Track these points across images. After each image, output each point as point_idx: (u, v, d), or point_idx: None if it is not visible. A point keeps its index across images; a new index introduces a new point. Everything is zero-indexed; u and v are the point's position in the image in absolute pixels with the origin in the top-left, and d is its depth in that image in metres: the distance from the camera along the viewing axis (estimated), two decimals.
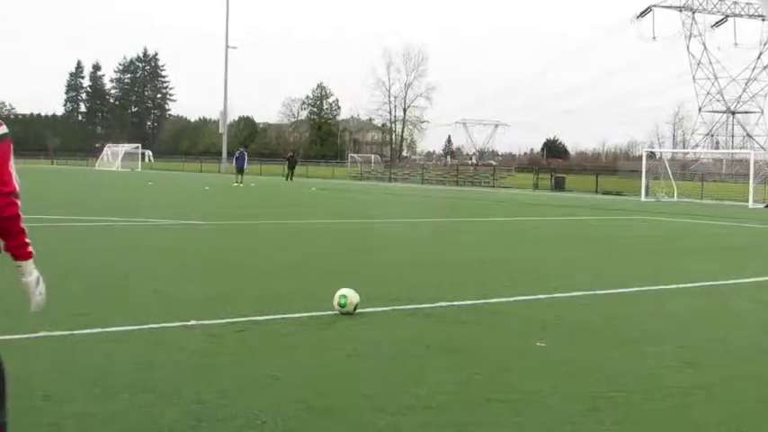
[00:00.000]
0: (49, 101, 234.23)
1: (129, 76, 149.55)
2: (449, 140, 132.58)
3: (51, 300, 7.40)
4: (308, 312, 7.30)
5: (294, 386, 4.96)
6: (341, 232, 16.50)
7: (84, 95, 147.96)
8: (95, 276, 9.16)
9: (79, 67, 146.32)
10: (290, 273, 9.97)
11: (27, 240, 3.25)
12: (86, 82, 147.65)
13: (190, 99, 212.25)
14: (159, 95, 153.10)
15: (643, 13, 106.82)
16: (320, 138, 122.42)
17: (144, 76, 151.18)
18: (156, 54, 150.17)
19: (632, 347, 6.31)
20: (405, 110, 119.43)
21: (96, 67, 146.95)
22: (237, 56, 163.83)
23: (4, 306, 6.49)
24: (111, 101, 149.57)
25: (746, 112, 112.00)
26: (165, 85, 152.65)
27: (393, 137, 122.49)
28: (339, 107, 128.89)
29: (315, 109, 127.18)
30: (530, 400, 4.80)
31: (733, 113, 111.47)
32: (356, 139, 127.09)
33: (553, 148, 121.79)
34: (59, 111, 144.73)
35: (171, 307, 7.41)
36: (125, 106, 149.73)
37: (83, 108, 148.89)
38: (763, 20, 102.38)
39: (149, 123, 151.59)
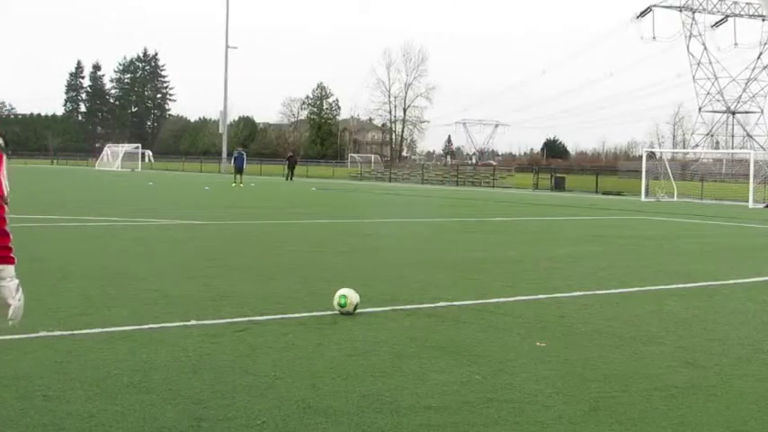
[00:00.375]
0: (49, 101, 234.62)
1: (129, 76, 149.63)
2: (449, 140, 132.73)
3: (51, 300, 7.44)
4: (308, 312, 7.30)
5: (294, 386, 4.96)
6: (341, 232, 16.50)
7: (84, 95, 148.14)
8: (95, 276, 9.16)
9: (79, 67, 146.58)
10: (290, 273, 9.97)
11: (10, 245, 3.18)
12: (86, 82, 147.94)
13: (190, 99, 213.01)
14: (159, 95, 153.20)
15: (643, 13, 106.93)
16: (320, 138, 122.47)
17: (144, 76, 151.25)
18: (156, 54, 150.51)
19: (632, 347, 6.32)
20: (405, 110, 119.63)
21: (96, 67, 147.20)
22: (237, 56, 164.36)
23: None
24: (111, 101, 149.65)
25: (746, 112, 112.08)
26: (165, 85, 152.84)
27: (393, 137, 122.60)
28: (339, 107, 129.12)
29: (315, 109, 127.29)
30: (530, 400, 4.80)
31: (733, 113, 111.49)
32: (356, 139, 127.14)
33: (553, 148, 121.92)
34: (59, 111, 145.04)
35: (171, 307, 7.41)
36: (125, 106, 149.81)
37: (83, 108, 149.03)
38: (764, 20, 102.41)
39: (149, 123, 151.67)
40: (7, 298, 3.19)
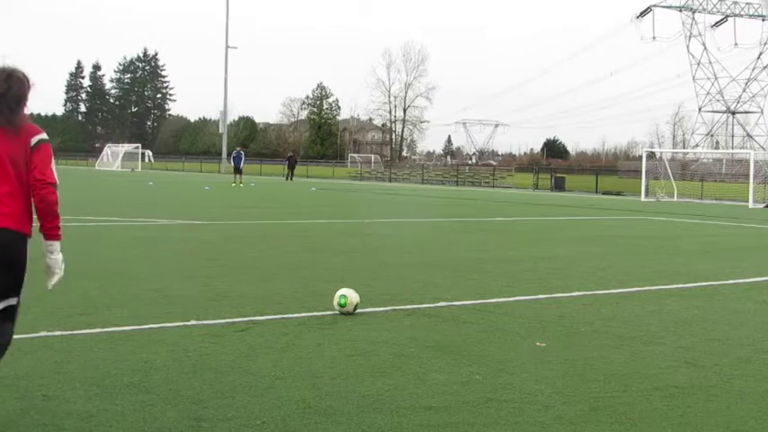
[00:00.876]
0: (49, 101, 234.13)
1: (129, 76, 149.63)
2: (449, 140, 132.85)
3: (51, 300, 7.45)
4: (308, 312, 7.30)
5: (294, 386, 4.96)
6: (341, 232, 16.50)
7: (84, 95, 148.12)
8: (95, 276, 9.15)
9: (79, 67, 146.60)
10: (290, 273, 9.97)
11: (60, 224, 3.84)
12: (86, 82, 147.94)
13: (190, 99, 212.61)
14: (159, 95, 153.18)
15: (643, 13, 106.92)
16: (320, 138, 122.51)
17: (144, 76, 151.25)
18: (156, 54, 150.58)
19: (632, 347, 6.32)
20: (405, 110, 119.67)
21: (96, 67, 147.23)
22: (237, 56, 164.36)
23: None
24: (111, 101, 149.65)
25: (746, 112, 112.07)
26: (165, 85, 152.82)
27: (393, 137, 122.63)
28: (339, 107, 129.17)
29: (315, 109, 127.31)
30: (530, 400, 4.80)
31: (733, 113, 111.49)
32: (356, 139, 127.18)
33: (553, 148, 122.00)
34: (59, 111, 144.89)
35: (171, 307, 7.41)
36: (125, 106, 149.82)
37: (83, 108, 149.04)
38: (764, 20, 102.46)
39: (149, 123, 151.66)
40: (55, 268, 3.91)
